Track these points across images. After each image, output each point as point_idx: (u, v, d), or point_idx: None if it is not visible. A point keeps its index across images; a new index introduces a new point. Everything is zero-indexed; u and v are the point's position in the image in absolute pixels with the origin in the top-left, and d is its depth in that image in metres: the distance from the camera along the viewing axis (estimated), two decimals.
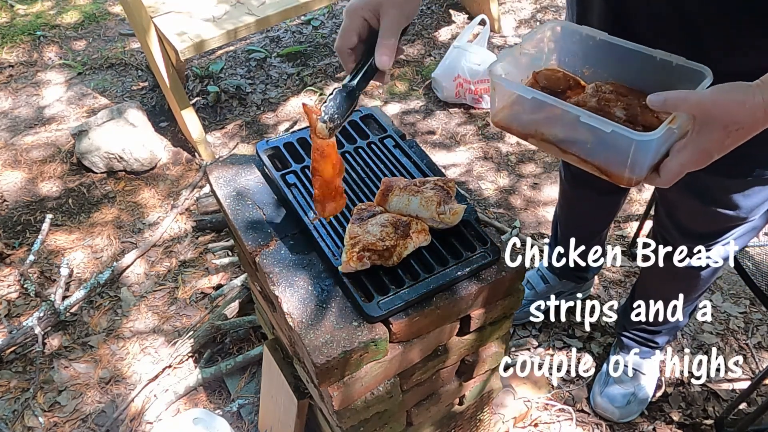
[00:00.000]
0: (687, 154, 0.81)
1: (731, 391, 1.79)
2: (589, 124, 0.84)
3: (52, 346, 1.96)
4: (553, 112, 0.90)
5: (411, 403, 1.26)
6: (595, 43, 1.00)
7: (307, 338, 0.97)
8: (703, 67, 0.88)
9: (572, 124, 0.87)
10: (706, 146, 0.79)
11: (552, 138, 0.94)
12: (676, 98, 0.80)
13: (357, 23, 0.89)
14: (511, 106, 0.98)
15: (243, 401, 1.76)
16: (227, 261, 2.15)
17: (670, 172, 0.83)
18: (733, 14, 0.89)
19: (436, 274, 1.04)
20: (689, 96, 0.80)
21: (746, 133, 0.77)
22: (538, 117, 0.94)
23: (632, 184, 0.87)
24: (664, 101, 0.80)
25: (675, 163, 0.82)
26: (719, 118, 0.77)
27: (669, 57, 0.92)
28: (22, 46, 3.22)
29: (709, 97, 0.78)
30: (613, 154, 0.86)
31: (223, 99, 2.90)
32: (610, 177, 0.89)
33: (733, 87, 0.77)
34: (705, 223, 1.27)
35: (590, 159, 0.90)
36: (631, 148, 0.82)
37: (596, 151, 0.89)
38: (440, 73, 2.77)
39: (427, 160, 1.27)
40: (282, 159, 1.26)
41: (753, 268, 1.52)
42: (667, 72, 0.92)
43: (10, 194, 2.47)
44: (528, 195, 2.43)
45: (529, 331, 1.96)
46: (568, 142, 0.92)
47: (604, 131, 0.83)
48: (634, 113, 0.91)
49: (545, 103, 0.90)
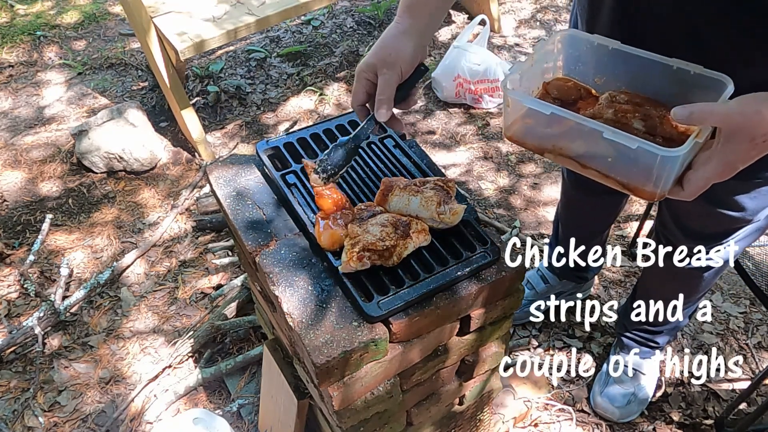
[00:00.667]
0: (712, 167, 0.80)
1: (731, 391, 1.79)
2: (614, 140, 0.82)
3: (52, 346, 1.96)
4: (572, 126, 0.89)
5: (411, 403, 1.26)
6: (608, 52, 0.98)
7: (307, 338, 0.97)
8: (723, 76, 0.86)
9: (593, 139, 0.86)
10: (732, 158, 0.78)
11: (571, 153, 0.92)
12: (702, 111, 0.79)
13: (363, 84, 1.01)
14: (523, 119, 0.96)
15: (243, 401, 1.76)
16: (227, 261, 2.15)
17: (694, 185, 0.82)
18: (734, 15, 0.89)
19: (436, 274, 1.04)
20: (716, 109, 0.79)
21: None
22: (555, 131, 0.93)
23: (656, 198, 0.85)
24: (689, 115, 0.79)
25: (700, 176, 0.81)
26: (746, 131, 0.76)
27: (687, 66, 0.90)
28: (22, 46, 3.22)
29: (736, 110, 0.77)
30: (636, 169, 0.85)
31: (223, 99, 2.90)
32: (633, 192, 0.88)
33: (758, 98, 0.76)
34: (710, 224, 1.27)
35: (612, 174, 0.88)
36: (656, 163, 0.80)
37: (618, 166, 0.87)
38: (440, 73, 2.77)
39: (427, 160, 1.27)
40: (282, 159, 1.26)
41: (753, 268, 1.52)
42: (684, 81, 0.90)
43: (10, 194, 2.47)
44: (528, 195, 2.43)
45: (529, 331, 1.96)
46: (588, 157, 0.90)
47: (629, 147, 0.81)
48: (653, 124, 0.89)
49: (564, 118, 0.88)
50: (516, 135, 0.98)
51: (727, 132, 0.77)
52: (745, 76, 0.84)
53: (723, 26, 0.91)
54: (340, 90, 2.95)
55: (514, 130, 0.97)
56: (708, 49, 0.94)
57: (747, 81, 0.83)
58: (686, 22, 0.95)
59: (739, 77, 0.84)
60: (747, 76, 0.84)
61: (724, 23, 0.91)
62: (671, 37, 0.98)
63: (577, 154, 0.91)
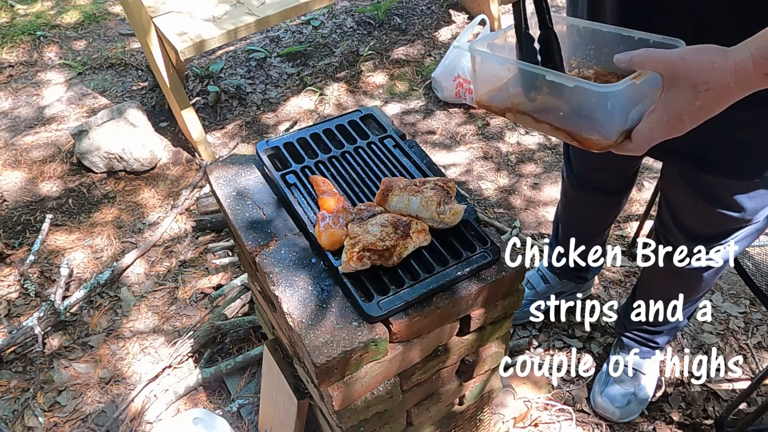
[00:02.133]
0: (657, 116, 0.79)
1: (731, 391, 1.79)
2: (555, 80, 0.85)
3: (52, 346, 1.96)
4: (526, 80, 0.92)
5: (411, 403, 1.26)
6: (578, 32, 1.00)
7: (307, 338, 0.97)
8: (678, 41, 0.87)
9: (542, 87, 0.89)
10: (676, 107, 0.77)
11: (527, 108, 0.95)
12: (642, 55, 0.79)
13: None
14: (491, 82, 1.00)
15: (243, 401, 1.76)
16: (227, 261, 2.15)
17: (640, 135, 0.82)
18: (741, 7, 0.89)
19: (436, 274, 1.04)
20: (656, 53, 0.78)
21: (717, 96, 0.75)
22: (515, 90, 0.96)
23: (602, 148, 0.86)
24: (630, 59, 0.79)
25: (645, 126, 0.81)
26: (687, 76, 0.75)
27: (647, 36, 0.91)
28: (22, 46, 3.22)
29: (676, 55, 0.76)
30: (582, 117, 0.87)
31: (223, 99, 2.90)
32: (581, 143, 0.89)
33: (703, 48, 0.76)
34: (709, 224, 1.27)
35: (562, 126, 0.91)
36: (595, 106, 0.82)
37: (567, 118, 0.90)
38: (440, 73, 2.77)
39: (427, 160, 1.27)
40: (282, 159, 1.26)
41: (753, 268, 1.52)
42: None
43: (10, 194, 2.47)
44: (528, 195, 2.43)
45: (529, 331, 1.95)
46: (542, 112, 0.93)
47: (568, 86, 0.83)
48: None
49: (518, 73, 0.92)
50: (484, 100, 1.01)
51: (669, 79, 0.77)
52: None
53: (727, 17, 0.90)
54: (340, 90, 2.95)
55: (484, 96, 1.01)
56: (711, 40, 0.94)
57: None
58: (693, 14, 0.94)
59: None
60: None
61: (731, 14, 0.90)
62: (675, 30, 0.98)
63: (532, 108, 0.94)
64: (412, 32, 3.28)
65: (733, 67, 0.72)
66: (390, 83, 2.98)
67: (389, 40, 3.23)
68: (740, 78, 0.72)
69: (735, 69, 0.72)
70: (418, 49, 3.17)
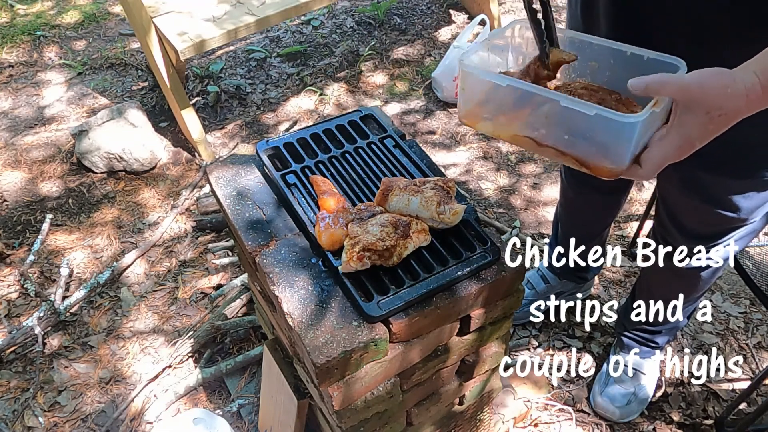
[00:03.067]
0: (669, 142, 0.79)
1: (731, 391, 1.79)
2: (571, 107, 0.80)
3: (52, 346, 1.96)
4: (528, 103, 0.87)
5: (411, 403, 1.26)
6: (563, 42, 0.97)
7: (307, 338, 0.97)
8: (676, 59, 0.86)
9: (550, 112, 0.84)
10: (689, 133, 0.77)
11: (527, 131, 0.89)
12: (658, 81, 0.78)
13: None
14: (482, 101, 0.94)
15: (243, 401, 1.76)
16: (227, 261, 2.15)
17: (651, 162, 0.81)
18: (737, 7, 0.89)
19: (436, 274, 1.04)
20: (672, 79, 0.77)
21: (728, 119, 0.76)
22: (511, 109, 0.91)
23: (613, 175, 0.83)
24: (645, 85, 0.78)
25: (656, 153, 0.80)
26: (702, 103, 0.75)
27: (640, 51, 0.89)
28: (22, 46, 3.22)
29: (693, 80, 0.76)
30: (593, 144, 0.83)
31: (223, 99, 2.90)
32: (590, 169, 0.86)
33: (714, 72, 0.76)
34: (706, 224, 1.27)
35: (569, 151, 0.86)
36: (612, 134, 0.79)
37: (575, 142, 0.85)
38: (440, 73, 2.77)
39: (427, 160, 1.27)
40: (282, 159, 1.26)
41: (753, 268, 1.52)
42: (638, 66, 0.89)
43: (10, 194, 2.47)
44: (528, 195, 2.43)
45: (529, 331, 1.95)
46: (545, 135, 0.88)
47: (587, 114, 0.79)
48: (609, 107, 0.87)
49: (519, 94, 0.86)
50: (470, 117, 0.95)
51: (684, 104, 0.76)
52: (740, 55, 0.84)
53: (727, 17, 0.90)
54: (340, 90, 2.95)
55: (470, 112, 0.95)
56: (710, 39, 0.93)
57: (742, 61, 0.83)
58: (690, 13, 0.94)
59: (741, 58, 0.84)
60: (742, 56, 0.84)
61: (728, 15, 0.90)
62: (674, 29, 0.98)
63: (534, 131, 0.88)
64: (412, 32, 3.28)
65: (744, 91, 0.73)
66: (390, 83, 2.98)
67: (389, 40, 3.23)
68: (751, 101, 0.74)
69: (746, 93, 0.73)
70: (418, 49, 3.17)
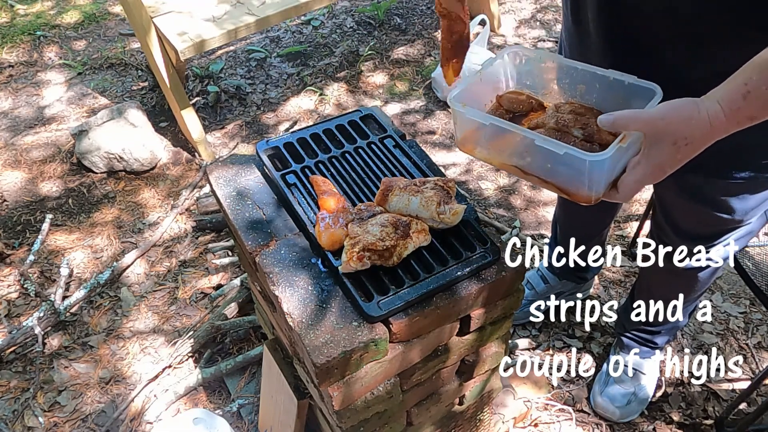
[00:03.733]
0: (641, 170, 0.85)
1: (731, 391, 1.79)
2: (543, 146, 0.89)
3: (52, 346, 1.96)
4: (512, 137, 0.96)
5: (411, 403, 1.26)
6: (552, 67, 1.06)
7: (307, 338, 0.97)
8: (653, 85, 0.93)
9: (529, 147, 0.93)
10: (658, 161, 0.83)
11: (514, 161, 0.99)
12: (625, 118, 0.84)
13: None
14: (474, 132, 1.03)
15: (243, 401, 1.76)
16: (227, 261, 2.15)
17: (626, 187, 0.88)
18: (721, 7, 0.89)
19: (436, 274, 1.04)
20: (637, 115, 0.84)
21: (696, 146, 0.81)
22: (499, 141, 0.99)
23: (592, 201, 0.91)
24: (613, 122, 0.85)
25: (631, 179, 0.87)
26: (668, 135, 0.81)
27: (621, 76, 0.97)
28: (22, 46, 3.22)
29: (656, 116, 0.81)
30: (570, 175, 0.91)
31: (223, 99, 2.90)
32: (570, 196, 0.93)
33: (678, 104, 0.81)
34: (702, 226, 1.28)
35: (551, 180, 0.95)
36: (585, 167, 0.87)
37: (555, 172, 0.94)
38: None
39: (427, 160, 1.27)
40: (282, 159, 1.26)
41: (753, 268, 1.52)
42: (620, 90, 0.98)
43: (10, 194, 2.47)
44: (528, 195, 2.43)
45: (529, 331, 1.95)
46: (528, 165, 0.97)
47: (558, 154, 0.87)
48: (591, 132, 0.96)
49: (504, 129, 0.95)
50: (467, 147, 1.05)
51: (651, 137, 0.82)
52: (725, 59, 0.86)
53: (713, 20, 0.91)
54: (340, 90, 2.95)
55: (466, 142, 1.04)
56: (700, 45, 0.94)
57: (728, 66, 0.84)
58: (673, 20, 0.95)
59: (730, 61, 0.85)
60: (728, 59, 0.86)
61: (714, 18, 0.91)
62: (658, 33, 0.99)
63: (519, 162, 0.98)
64: (412, 32, 3.28)
65: (708, 120, 0.78)
66: (390, 83, 2.98)
67: (389, 40, 3.23)
68: (715, 129, 0.79)
69: (710, 122, 0.78)
70: (418, 49, 3.17)
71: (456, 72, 1.07)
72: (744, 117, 0.78)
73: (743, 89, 0.76)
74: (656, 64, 1.00)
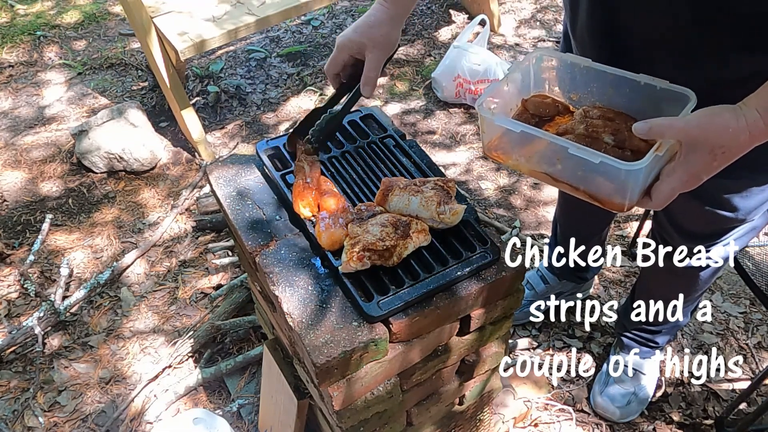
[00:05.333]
0: (677, 178, 0.84)
1: (731, 391, 1.79)
2: (578, 155, 0.87)
3: (52, 346, 1.96)
4: (543, 144, 0.94)
5: (411, 403, 1.26)
6: (580, 70, 1.03)
7: (307, 338, 0.97)
8: (687, 91, 0.90)
9: (562, 154, 0.91)
10: (695, 169, 0.82)
11: (543, 168, 0.97)
12: (661, 126, 0.82)
13: (344, 57, 1.09)
14: (501, 138, 1.01)
15: (243, 401, 1.76)
16: (227, 261, 2.15)
17: (661, 195, 0.86)
18: (719, 18, 0.89)
19: (436, 274, 1.04)
20: (674, 123, 0.82)
21: (732, 155, 0.80)
22: (528, 148, 0.98)
23: (625, 209, 0.89)
24: (649, 129, 0.83)
25: (666, 187, 0.85)
26: (705, 143, 0.79)
27: (653, 81, 0.94)
28: (22, 46, 3.22)
29: (694, 124, 0.80)
30: (603, 183, 0.89)
31: (223, 99, 2.90)
32: (603, 204, 0.92)
33: (716, 111, 0.80)
34: (704, 224, 1.27)
35: (583, 187, 0.93)
36: (619, 176, 0.85)
37: (587, 179, 0.92)
38: (440, 73, 2.77)
39: (427, 160, 1.27)
40: (282, 159, 1.26)
41: (753, 268, 1.52)
42: (651, 95, 0.95)
43: (10, 194, 2.47)
44: (528, 195, 2.43)
45: (529, 331, 1.95)
46: (559, 172, 0.95)
47: (593, 162, 0.85)
48: (622, 138, 0.93)
49: (534, 136, 0.93)
50: (495, 153, 1.03)
51: (687, 145, 0.81)
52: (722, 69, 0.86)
53: (710, 31, 0.91)
54: None
55: (493, 148, 1.03)
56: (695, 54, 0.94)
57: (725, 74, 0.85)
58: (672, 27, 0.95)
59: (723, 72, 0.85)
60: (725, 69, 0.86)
61: (710, 27, 0.91)
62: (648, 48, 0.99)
63: (549, 168, 0.96)
64: (412, 32, 3.28)
65: (746, 128, 0.77)
66: (390, 83, 2.98)
67: None
68: (754, 137, 0.78)
69: (749, 130, 0.77)
70: (418, 49, 3.17)
71: None
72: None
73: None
74: (650, 72, 0.99)
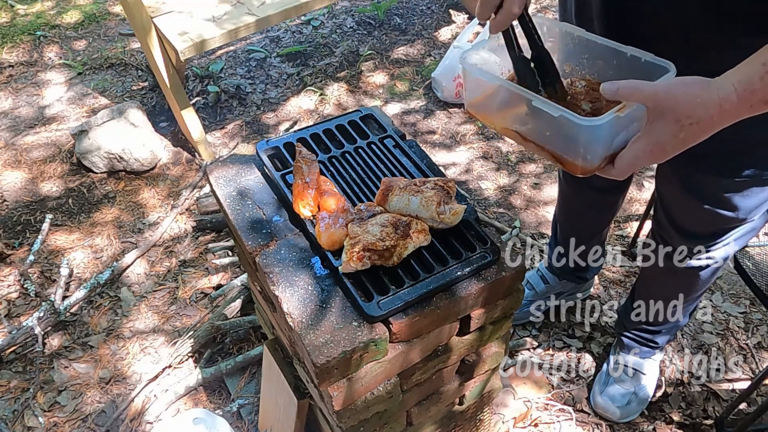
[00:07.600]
0: (641, 145, 0.81)
1: (731, 391, 1.79)
2: (540, 108, 0.86)
3: (52, 346, 1.96)
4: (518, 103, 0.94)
5: (411, 403, 1.26)
6: (573, 40, 1.02)
7: (307, 338, 0.97)
8: (668, 63, 0.89)
9: (530, 111, 0.91)
10: (660, 139, 0.79)
11: (514, 127, 0.97)
12: (628, 87, 0.80)
13: None
14: (480, 95, 1.02)
15: (243, 401, 1.76)
16: (227, 261, 2.15)
17: (623, 162, 0.83)
18: (721, 7, 0.89)
19: (436, 274, 1.04)
20: (642, 86, 0.79)
21: (701, 129, 0.76)
22: (504, 105, 0.98)
23: (585, 172, 0.88)
24: (616, 90, 0.80)
25: (629, 154, 0.83)
26: (672, 110, 0.76)
27: (638, 53, 0.93)
28: (23, 46, 3.22)
29: (662, 89, 0.77)
30: (565, 141, 0.89)
31: (223, 99, 2.90)
32: (564, 165, 0.91)
33: (687, 81, 0.77)
34: (704, 224, 1.27)
35: (547, 146, 0.93)
36: (576, 135, 0.84)
37: (552, 138, 0.91)
38: (440, 73, 2.77)
39: (427, 160, 1.27)
40: (282, 159, 1.26)
41: (753, 268, 1.52)
42: (637, 68, 0.94)
43: (11, 194, 2.47)
44: (528, 195, 2.43)
45: (529, 331, 1.95)
46: (528, 130, 0.95)
47: (552, 115, 0.84)
48: (600, 107, 0.93)
49: (509, 91, 0.93)
50: (473, 108, 1.04)
51: (654, 111, 0.78)
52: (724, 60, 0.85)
53: (712, 21, 0.91)
54: (340, 90, 2.95)
55: (473, 104, 1.04)
56: (699, 45, 0.94)
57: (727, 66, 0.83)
58: (679, 19, 0.95)
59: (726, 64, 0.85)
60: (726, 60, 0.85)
61: (713, 17, 0.90)
62: (663, 34, 0.99)
63: (520, 128, 0.96)
64: (412, 32, 3.28)
65: (718, 101, 0.73)
66: (390, 83, 2.98)
67: (389, 40, 3.23)
68: (724, 111, 0.74)
69: (719, 103, 0.73)
70: (418, 49, 3.17)
71: None
72: (758, 100, 0.73)
73: (761, 69, 0.72)
74: None
